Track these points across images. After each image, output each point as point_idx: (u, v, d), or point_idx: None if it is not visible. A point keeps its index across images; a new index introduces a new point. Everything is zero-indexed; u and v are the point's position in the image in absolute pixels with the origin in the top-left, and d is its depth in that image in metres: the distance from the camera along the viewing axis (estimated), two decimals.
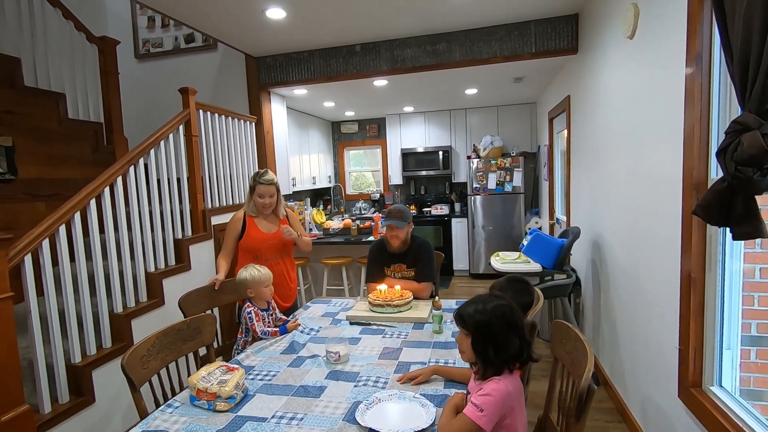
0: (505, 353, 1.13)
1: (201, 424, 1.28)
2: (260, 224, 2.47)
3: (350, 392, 1.44)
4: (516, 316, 1.17)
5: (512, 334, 1.15)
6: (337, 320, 2.20)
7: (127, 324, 2.44)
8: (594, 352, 2.99)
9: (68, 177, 3.08)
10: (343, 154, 6.92)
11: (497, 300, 1.19)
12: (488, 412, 1.08)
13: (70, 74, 3.27)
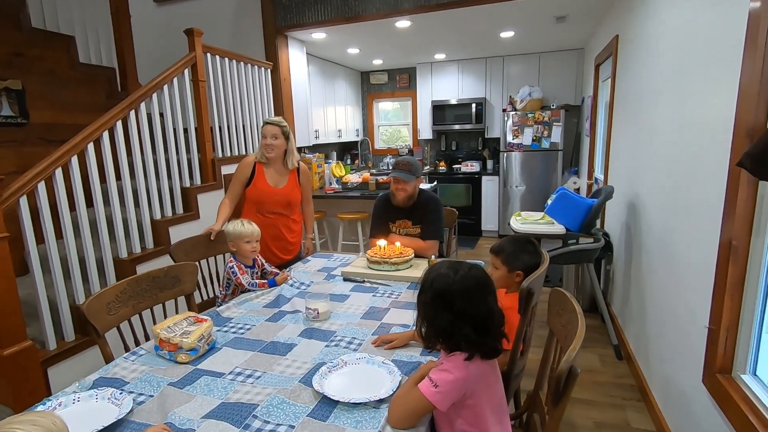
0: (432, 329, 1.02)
1: (157, 375, 1.23)
2: (269, 175, 2.38)
3: (319, 352, 1.33)
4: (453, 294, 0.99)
5: (441, 310, 1.00)
6: (332, 276, 2.09)
7: (132, 269, 2.46)
8: (621, 324, 2.77)
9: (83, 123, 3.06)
10: (372, 107, 6.64)
11: (447, 271, 1.02)
12: (443, 389, 0.93)
13: (80, 14, 3.20)
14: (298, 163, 2.48)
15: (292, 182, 2.44)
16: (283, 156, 2.40)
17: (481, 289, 1.00)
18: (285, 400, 1.08)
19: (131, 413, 1.06)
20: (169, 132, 2.79)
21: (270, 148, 2.32)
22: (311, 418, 1.01)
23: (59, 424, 0.71)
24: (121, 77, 3.42)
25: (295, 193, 2.46)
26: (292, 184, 2.44)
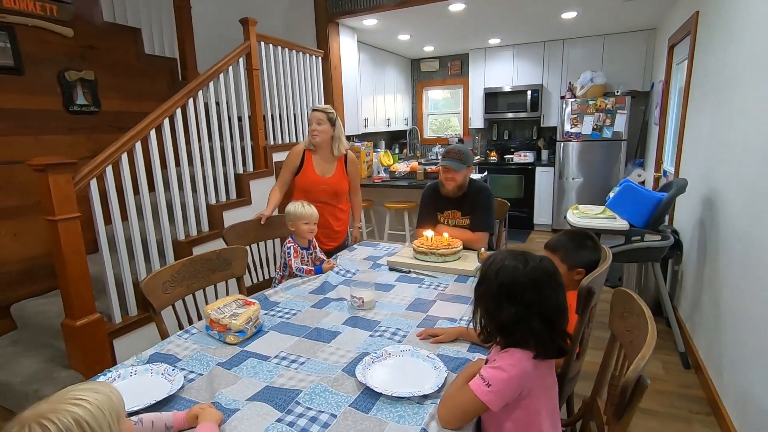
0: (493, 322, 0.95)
1: (207, 354, 1.27)
2: (317, 164, 2.40)
3: (363, 342, 1.31)
4: (520, 287, 0.92)
5: (506, 303, 0.92)
6: (378, 265, 2.07)
7: (189, 251, 2.58)
8: (689, 330, 2.53)
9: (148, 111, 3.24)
10: (421, 95, 6.52)
11: (514, 261, 0.95)
12: (496, 388, 0.87)
13: (146, 8, 3.37)
14: (346, 151, 2.46)
15: (339, 171, 2.44)
16: (330, 143, 2.40)
17: (553, 282, 0.94)
18: (327, 388, 1.07)
19: (182, 389, 1.09)
20: (224, 120, 2.88)
21: (315, 133, 2.33)
22: (353, 409, 0.99)
23: (116, 395, 0.74)
24: (182, 67, 3.57)
25: (342, 183, 2.45)
26: (339, 173, 2.43)
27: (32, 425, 0.63)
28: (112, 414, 0.71)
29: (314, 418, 0.96)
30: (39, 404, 0.67)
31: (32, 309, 2.47)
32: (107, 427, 0.69)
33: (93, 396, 0.69)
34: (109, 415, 0.70)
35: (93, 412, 0.68)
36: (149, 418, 0.92)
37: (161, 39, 3.52)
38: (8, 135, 2.49)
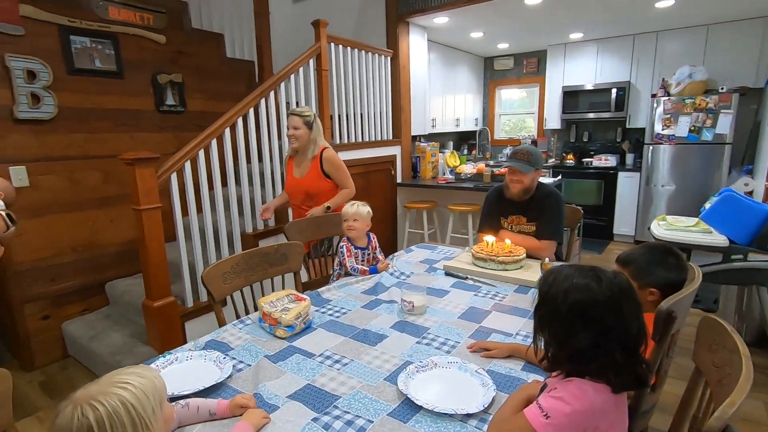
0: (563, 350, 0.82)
1: (258, 345, 1.30)
2: (295, 167, 2.42)
3: (409, 348, 1.27)
4: (598, 310, 0.79)
5: (579, 328, 0.80)
6: (434, 269, 2.01)
7: (255, 243, 2.72)
8: None
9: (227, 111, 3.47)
10: (493, 95, 6.28)
11: (585, 279, 0.82)
12: (556, 422, 0.77)
13: (229, 15, 3.61)
14: (322, 150, 2.33)
15: (312, 171, 2.34)
16: (307, 145, 2.35)
17: (632, 302, 0.81)
18: (367, 395, 1.04)
19: (230, 378, 1.13)
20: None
21: (292, 139, 2.32)
22: (391, 418, 0.95)
23: (159, 380, 0.78)
24: (259, 70, 3.77)
25: (315, 183, 2.33)
26: (313, 173, 2.34)
27: (84, 406, 0.67)
28: (155, 398, 0.74)
29: (350, 421, 0.93)
30: (89, 386, 0.72)
31: (122, 288, 2.76)
32: (151, 410, 0.72)
33: (138, 380, 0.73)
34: (153, 399, 0.73)
35: (138, 395, 0.71)
36: (195, 403, 0.96)
37: (241, 43, 3.75)
38: (109, 132, 2.80)
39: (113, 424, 0.67)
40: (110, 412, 0.68)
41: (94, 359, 2.44)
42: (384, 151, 3.92)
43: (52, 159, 2.55)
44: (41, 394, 2.33)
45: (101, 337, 2.49)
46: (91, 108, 2.70)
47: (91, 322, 2.66)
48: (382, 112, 3.89)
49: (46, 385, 2.42)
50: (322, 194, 2.35)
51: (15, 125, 2.39)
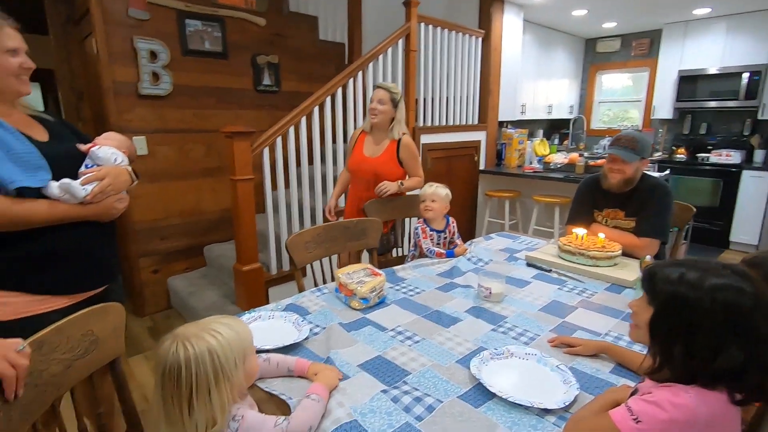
0: (703, 362, 0.67)
1: (332, 313, 1.34)
2: (367, 145, 2.26)
3: (484, 335, 1.21)
4: (754, 315, 0.66)
5: (731, 340, 0.66)
6: (515, 258, 1.91)
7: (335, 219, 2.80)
8: None
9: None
10: (593, 80, 5.75)
11: (729, 278, 0.68)
12: (646, 427, 0.68)
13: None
14: (402, 136, 2.23)
15: (388, 154, 2.21)
16: (388, 125, 2.23)
17: None
18: (437, 375, 1.02)
19: (306, 340, 1.17)
20: None
21: (374, 112, 2.16)
22: (461, 401, 0.92)
23: (246, 335, 0.83)
24: (349, 52, 3.85)
25: (387, 166, 2.20)
26: (387, 155, 2.21)
27: (179, 343, 0.75)
28: (239, 352, 0.79)
29: (419, 398, 0.92)
30: (189, 326, 0.79)
31: (217, 252, 3.03)
32: (233, 362, 0.77)
33: (226, 332, 0.78)
34: (236, 353, 0.78)
35: (224, 346, 0.76)
36: (276, 358, 1.01)
37: (334, 26, 3.84)
38: (214, 109, 3.06)
39: (197, 367, 0.73)
40: (197, 355, 0.74)
41: (191, 312, 2.72)
42: (468, 136, 3.80)
43: (166, 131, 2.85)
44: (148, 337, 2.67)
45: (198, 294, 2.77)
46: (199, 86, 2.97)
47: (191, 280, 2.97)
48: (469, 96, 3.76)
49: (152, 330, 2.77)
50: (389, 179, 2.20)
51: (138, 100, 2.71)
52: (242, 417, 0.77)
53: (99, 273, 1.24)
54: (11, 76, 1.09)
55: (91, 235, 1.19)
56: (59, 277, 1.13)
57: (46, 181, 1.07)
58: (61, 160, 1.13)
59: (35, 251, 1.08)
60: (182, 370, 0.73)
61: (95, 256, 1.21)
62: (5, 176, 1.00)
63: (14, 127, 1.07)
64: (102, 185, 1.15)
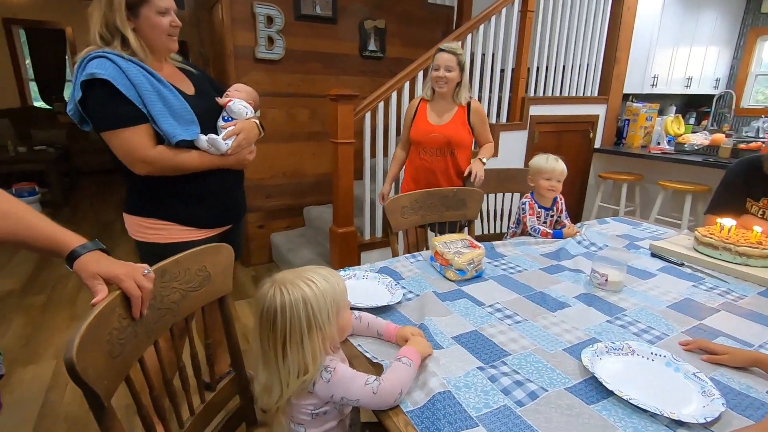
0: None
1: (425, 281, 1.29)
2: (431, 114, 2.05)
3: (597, 324, 1.07)
4: None
5: None
6: (636, 246, 1.66)
7: None
8: None
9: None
10: (751, 48, 4.75)
11: None
12: None
13: None
14: (470, 99, 2.03)
15: (458, 119, 2.01)
16: (454, 90, 1.99)
17: None
18: (541, 360, 0.91)
19: (399, 304, 1.14)
20: (486, 69, 2.81)
21: (442, 81, 1.93)
22: (570, 394, 0.81)
23: (341, 289, 0.81)
24: (458, 16, 3.65)
25: (459, 132, 2.01)
26: (457, 121, 2.01)
27: (276, 288, 0.76)
28: (333, 304, 0.77)
29: (520, 382, 0.83)
30: (288, 272, 0.80)
31: (315, 213, 3.17)
32: (326, 313, 0.76)
33: (322, 282, 0.77)
34: (330, 304, 0.77)
35: (317, 296, 0.76)
36: (367, 318, 0.99)
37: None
38: (319, 74, 3.13)
39: (291, 313, 0.74)
40: (292, 302, 0.74)
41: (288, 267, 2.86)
42: (584, 110, 3.40)
43: (276, 95, 3.00)
44: (251, 285, 2.92)
45: (296, 251, 2.93)
46: (308, 51, 3.05)
47: (290, 237, 3.15)
48: (590, 64, 3.34)
49: (255, 278, 3.02)
50: (461, 146, 2.05)
51: (254, 63, 2.86)
52: (334, 369, 0.76)
53: (230, 213, 1.44)
54: (163, 34, 1.23)
55: (227, 181, 1.38)
56: (202, 213, 1.34)
57: (197, 134, 1.25)
58: (205, 113, 1.30)
59: (186, 191, 1.29)
60: (277, 314, 0.74)
61: (229, 198, 1.41)
62: (169, 131, 1.18)
63: (168, 80, 1.23)
64: (239, 139, 1.31)
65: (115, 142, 1.17)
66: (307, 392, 0.77)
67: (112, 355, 0.70)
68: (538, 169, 1.77)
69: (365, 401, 0.75)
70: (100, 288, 0.72)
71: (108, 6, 1.14)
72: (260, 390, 0.80)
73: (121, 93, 1.12)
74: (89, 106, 1.15)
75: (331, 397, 0.76)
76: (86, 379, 0.62)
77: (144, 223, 1.30)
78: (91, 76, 1.10)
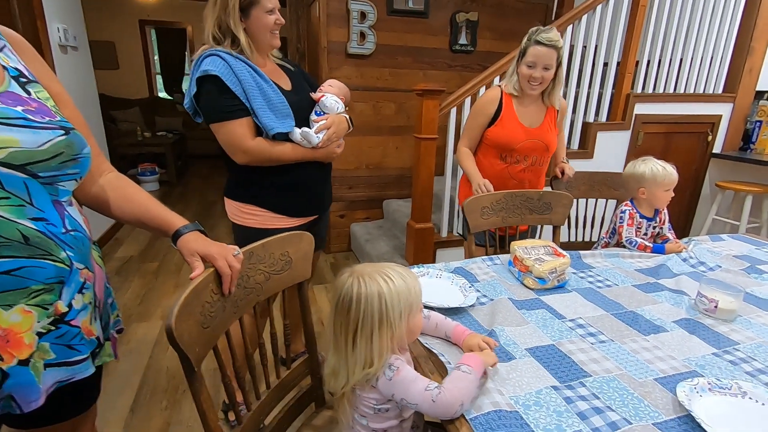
0: None
1: (502, 286, 1.24)
2: (521, 112, 1.73)
3: (700, 357, 0.94)
4: None
5: None
6: (759, 270, 1.43)
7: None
8: None
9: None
10: None
11: None
12: None
13: None
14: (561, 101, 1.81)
15: (549, 121, 1.78)
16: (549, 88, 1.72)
17: None
18: (627, 388, 0.83)
19: (471, 307, 1.11)
20: (587, 64, 2.59)
21: (536, 82, 1.65)
22: (658, 430, 0.72)
23: (416, 290, 0.81)
24: (558, 7, 3.41)
25: (552, 137, 1.77)
26: (549, 123, 1.77)
27: (354, 278, 0.78)
28: (406, 304, 0.78)
29: (599, 410, 0.76)
30: (367, 265, 0.82)
31: (394, 207, 3.21)
32: (398, 312, 0.76)
33: (399, 281, 0.78)
34: (403, 304, 0.77)
35: (393, 293, 0.76)
36: (436, 318, 0.98)
37: None
38: (407, 68, 3.14)
39: (366, 306, 0.75)
40: (368, 294, 0.76)
41: (365, 257, 2.98)
42: (703, 109, 2.98)
43: (365, 89, 3.07)
44: (329, 271, 3.05)
45: (373, 242, 3.00)
46: (398, 45, 3.06)
47: (369, 229, 3.23)
48: (715, 57, 2.92)
49: (333, 265, 3.15)
50: (552, 154, 1.83)
51: (346, 59, 2.96)
52: (398, 369, 0.76)
53: (317, 204, 1.51)
54: (269, 32, 1.32)
55: (316, 173, 1.45)
56: (291, 203, 1.43)
57: (292, 127, 1.33)
58: (299, 108, 1.38)
59: (279, 181, 1.38)
60: (352, 304, 0.76)
61: (317, 189, 1.49)
62: (267, 124, 1.28)
63: (268, 76, 1.32)
64: (329, 134, 1.38)
65: (220, 132, 1.29)
66: (371, 386, 0.78)
67: (203, 326, 0.77)
68: (656, 180, 1.57)
69: (424, 407, 0.74)
70: (198, 264, 0.80)
71: (222, 8, 1.25)
72: (328, 373, 0.83)
73: (228, 88, 1.23)
74: (201, 99, 1.28)
75: (392, 395, 0.76)
76: (181, 345, 0.70)
77: (241, 207, 1.41)
78: (204, 73, 1.22)
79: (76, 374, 0.73)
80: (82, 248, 0.74)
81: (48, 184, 0.69)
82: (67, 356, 0.71)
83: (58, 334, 0.69)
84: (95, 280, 0.79)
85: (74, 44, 2.94)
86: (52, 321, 0.68)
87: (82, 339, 0.74)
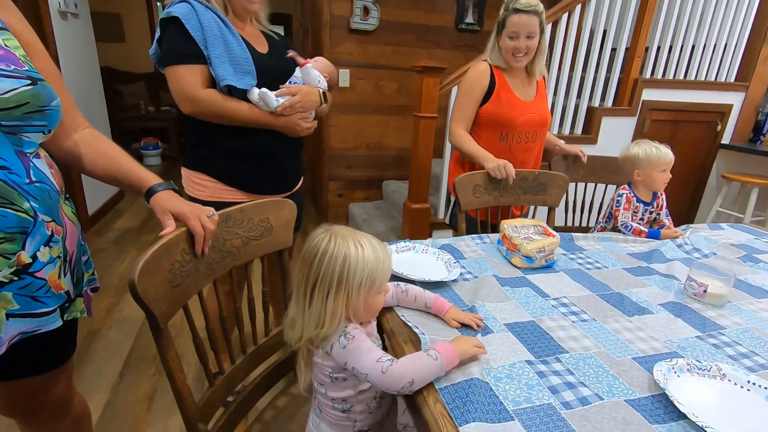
0: None
1: (488, 263, 1.21)
2: (515, 84, 1.64)
3: (682, 339, 0.92)
4: None
5: None
6: (755, 259, 1.39)
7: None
8: None
9: None
10: None
11: None
12: None
13: None
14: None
15: (540, 94, 1.69)
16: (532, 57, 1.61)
17: None
18: (603, 365, 0.81)
19: (454, 282, 1.10)
20: (594, 48, 2.52)
21: (521, 51, 1.54)
22: (631, 407, 0.71)
23: (384, 268, 0.78)
24: None
25: (547, 109, 1.71)
26: (541, 97, 1.69)
27: (327, 234, 0.76)
28: (368, 277, 0.75)
29: (572, 384, 0.75)
30: (345, 228, 0.79)
31: (393, 188, 3.18)
32: (359, 280, 0.74)
33: (369, 252, 0.75)
34: (365, 276, 0.75)
35: (358, 262, 0.74)
36: (414, 291, 0.96)
37: None
38: (410, 46, 3.07)
39: (328, 263, 0.73)
40: (334, 253, 0.74)
41: None
42: (714, 97, 2.90)
43: (367, 66, 3.01)
44: None
45: (370, 222, 2.99)
46: (402, 22, 3.00)
47: (367, 209, 3.21)
48: (729, 43, 2.82)
49: None
50: (548, 127, 1.75)
51: (348, 34, 2.90)
52: (353, 337, 0.75)
53: (276, 180, 1.37)
54: None
55: (277, 144, 1.32)
56: (245, 174, 1.30)
57: (251, 86, 1.22)
58: (269, 71, 1.27)
59: (230, 145, 1.26)
60: (317, 257, 0.74)
61: (279, 164, 1.35)
62: (220, 74, 1.18)
63: (245, 38, 1.24)
64: (292, 101, 1.26)
65: (171, 77, 1.18)
66: (325, 353, 0.77)
67: (172, 284, 0.76)
68: (652, 161, 1.53)
69: (373, 378, 0.72)
70: (169, 223, 0.79)
71: None
72: (288, 323, 0.82)
73: (186, 31, 1.14)
74: (162, 43, 1.19)
75: (345, 364, 0.75)
76: (145, 300, 0.69)
77: (192, 176, 1.31)
78: (167, 14, 1.15)
79: (42, 326, 0.73)
80: (49, 201, 0.73)
81: (11, 134, 0.67)
82: (31, 308, 0.70)
83: (21, 284, 0.69)
84: (66, 234, 0.78)
85: (75, 11, 2.90)
86: (15, 271, 0.67)
87: (48, 291, 0.73)
